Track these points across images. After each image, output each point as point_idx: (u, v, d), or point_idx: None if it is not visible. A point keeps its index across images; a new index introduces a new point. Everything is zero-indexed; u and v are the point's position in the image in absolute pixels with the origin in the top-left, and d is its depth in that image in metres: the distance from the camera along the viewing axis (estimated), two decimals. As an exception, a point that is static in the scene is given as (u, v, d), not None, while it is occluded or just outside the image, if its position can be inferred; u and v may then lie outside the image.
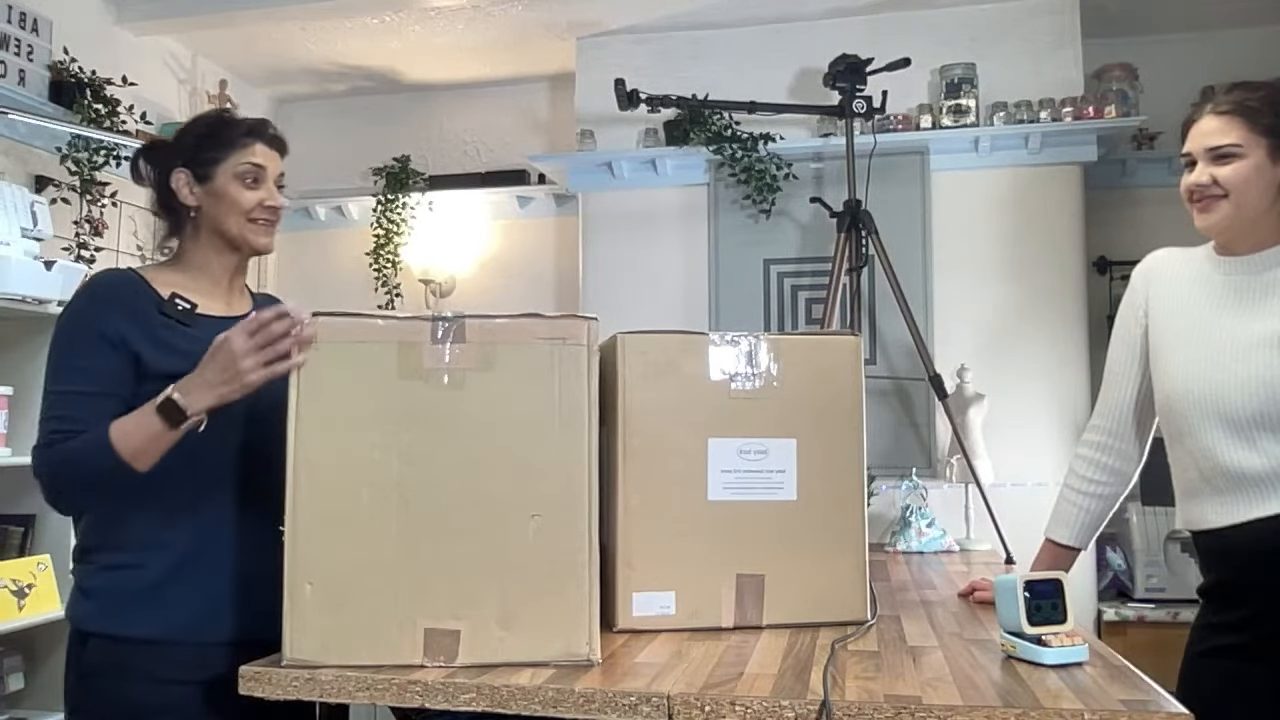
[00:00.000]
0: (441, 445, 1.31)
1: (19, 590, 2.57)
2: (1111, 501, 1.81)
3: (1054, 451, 3.34)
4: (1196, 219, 1.64)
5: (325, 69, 4.21)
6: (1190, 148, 1.63)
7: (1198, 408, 1.60)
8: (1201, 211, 1.62)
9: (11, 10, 3.07)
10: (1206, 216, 1.62)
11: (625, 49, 3.82)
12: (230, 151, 1.56)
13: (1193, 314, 1.66)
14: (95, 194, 3.32)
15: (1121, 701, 1.09)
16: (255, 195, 1.57)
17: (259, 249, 1.60)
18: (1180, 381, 1.63)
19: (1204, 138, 1.61)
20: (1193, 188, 1.62)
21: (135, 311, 1.48)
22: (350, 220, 4.38)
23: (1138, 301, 1.75)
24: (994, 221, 3.51)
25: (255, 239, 1.59)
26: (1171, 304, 1.69)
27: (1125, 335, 1.77)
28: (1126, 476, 1.80)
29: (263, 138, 1.59)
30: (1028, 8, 3.55)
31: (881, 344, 3.52)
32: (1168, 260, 1.75)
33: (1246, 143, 1.57)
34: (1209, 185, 1.59)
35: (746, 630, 1.49)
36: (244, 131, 1.58)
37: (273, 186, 1.59)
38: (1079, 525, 1.80)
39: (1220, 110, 1.60)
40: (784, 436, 1.54)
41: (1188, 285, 1.68)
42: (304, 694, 1.24)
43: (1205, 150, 1.60)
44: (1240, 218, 1.59)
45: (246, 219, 1.57)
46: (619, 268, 3.78)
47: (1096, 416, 1.82)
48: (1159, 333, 1.69)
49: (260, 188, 1.57)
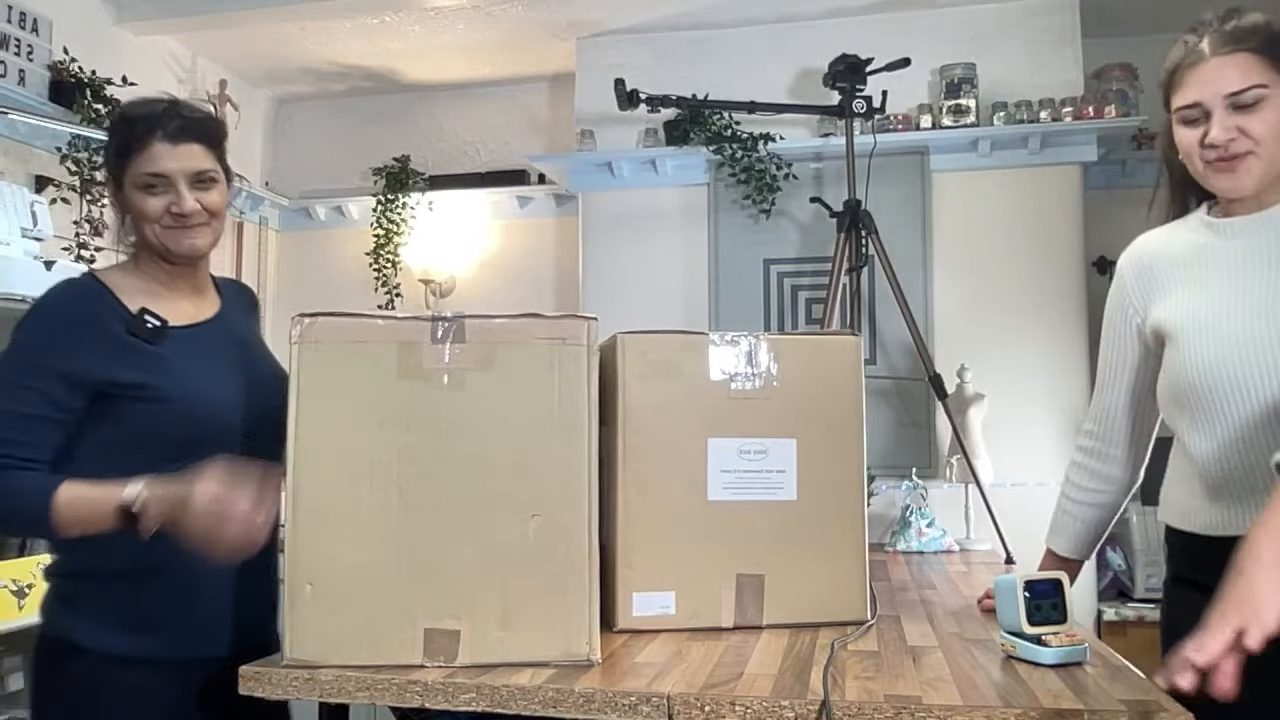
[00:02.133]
0: (441, 445, 1.31)
1: (19, 590, 2.57)
2: (1110, 510, 1.68)
3: (1054, 451, 3.34)
4: (1218, 181, 1.39)
5: (325, 69, 4.22)
6: (1199, 95, 1.37)
7: (1236, 392, 1.37)
8: (1224, 172, 1.38)
9: (11, 10, 3.08)
10: (1233, 178, 1.37)
11: (625, 49, 3.82)
12: (129, 159, 1.43)
13: (1209, 290, 1.43)
14: (95, 194, 3.32)
15: (1121, 701, 1.09)
16: (159, 202, 1.43)
17: (184, 253, 1.46)
18: (1212, 365, 1.39)
19: (1219, 83, 1.35)
20: (1216, 144, 1.35)
21: (103, 336, 1.40)
22: (350, 220, 4.38)
23: (1126, 295, 1.56)
24: (994, 221, 3.51)
25: (175, 245, 1.45)
26: (1177, 285, 1.48)
27: (1113, 334, 1.60)
28: (1123, 483, 1.67)
29: (163, 133, 1.42)
30: (1028, 8, 3.56)
31: (881, 344, 3.52)
32: (1154, 242, 1.55)
33: (1272, 82, 1.33)
34: (1238, 139, 1.34)
35: (746, 630, 1.49)
36: (140, 132, 1.42)
37: (183, 189, 1.43)
38: (1075, 536, 1.70)
39: (1231, 48, 1.35)
40: (784, 436, 1.54)
41: (1196, 265, 1.47)
42: (304, 694, 1.24)
43: (1224, 97, 1.35)
44: (1271, 173, 1.36)
45: (160, 226, 1.44)
46: (619, 268, 3.78)
47: (1088, 422, 1.69)
48: (1169, 319, 1.47)
49: (164, 193, 1.43)
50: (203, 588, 1.44)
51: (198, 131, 1.45)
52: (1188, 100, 1.39)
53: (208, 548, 1.29)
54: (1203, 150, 1.39)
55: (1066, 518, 1.72)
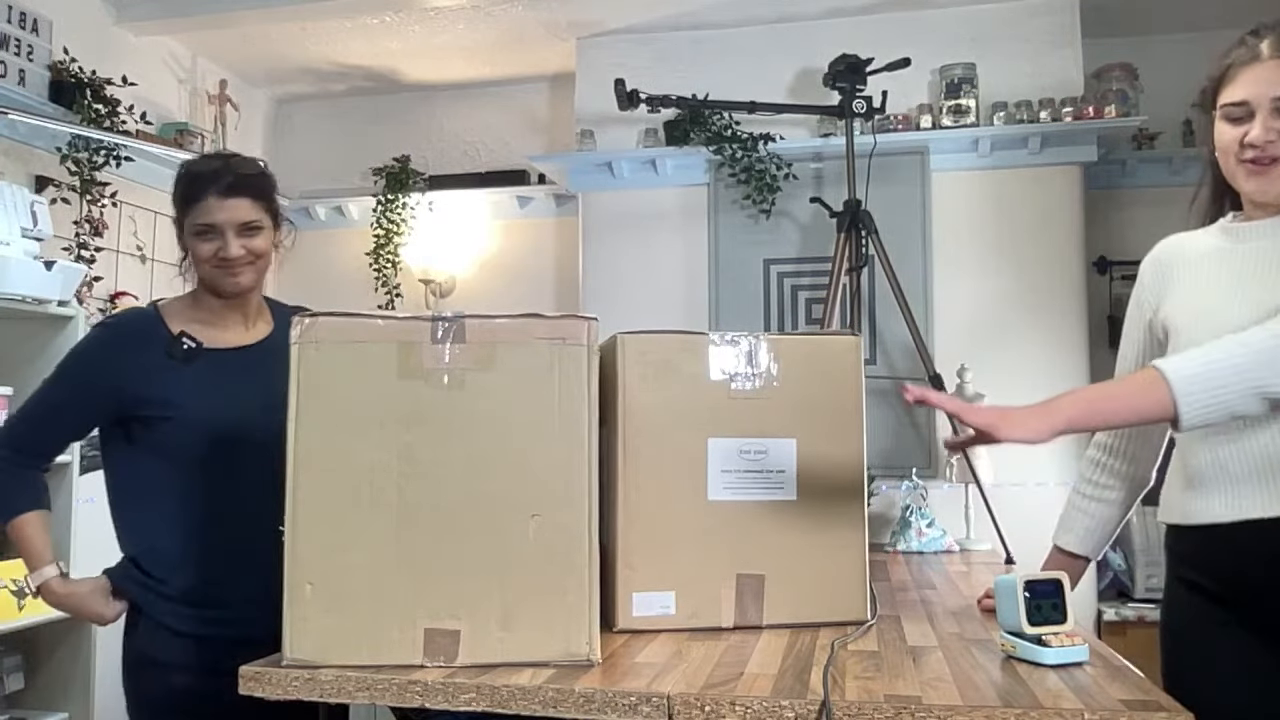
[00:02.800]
0: (441, 445, 1.31)
1: (19, 590, 2.57)
2: (1123, 509, 1.70)
3: (1054, 451, 3.33)
4: (1248, 182, 1.43)
5: (325, 69, 4.22)
6: (1248, 94, 1.39)
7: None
8: (1256, 175, 1.41)
9: (11, 10, 3.07)
10: (1265, 181, 1.41)
11: (625, 49, 3.82)
12: (188, 208, 1.68)
13: (1216, 291, 1.48)
14: (95, 194, 3.32)
15: (1121, 701, 1.09)
16: (209, 248, 1.67)
17: (226, 291, 1.71)
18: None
19: (1271, 84, 1.37)
20: (1257, 144, 1.38)
21: (140, 359, 1.66)
22: (350, 220, 4.38)
23: (1145, 292, 1.62)
24: (994, 221, 3.51)
25: (223, 285, 1.70)
26: (1190, 285, 1.53)
27: (1131, 331, 1.65)
28: (1138, 481, 1.69)
29: (215, 189, 1.65)
30: (1028, 8, 3.56)
31: (881, 344, 3.52)
32: (1179, 244, 1.59)
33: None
34: (1276, 143, 1.37)
35: (746, 630, 1.49)
36: (198, 188, 1.66)
37: (230, 237, 1.66)
38: (1086, 532, 1.70)
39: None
40: (784, 436, 1.54)
41: (1206, 265, 1.52)
42: (304, 694, 1.24)
43: (1272, 99, 1.37)
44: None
45: (209, 268, 1.69)
46: (619, 268, 3.78)
47: None
48: (1173, 314, 1.53)
49: (214, 240, 1.67)
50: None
51: (246, 186, 1.68)
52: (1236, 98, 1.40)
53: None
54: (1240, 150, 1.41)
55: (1079, 514, 1.72)
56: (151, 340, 1.68)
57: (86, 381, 1.68)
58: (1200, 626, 1.52)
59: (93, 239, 3.35)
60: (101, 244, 3.40)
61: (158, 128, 3.74)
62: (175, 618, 1.64)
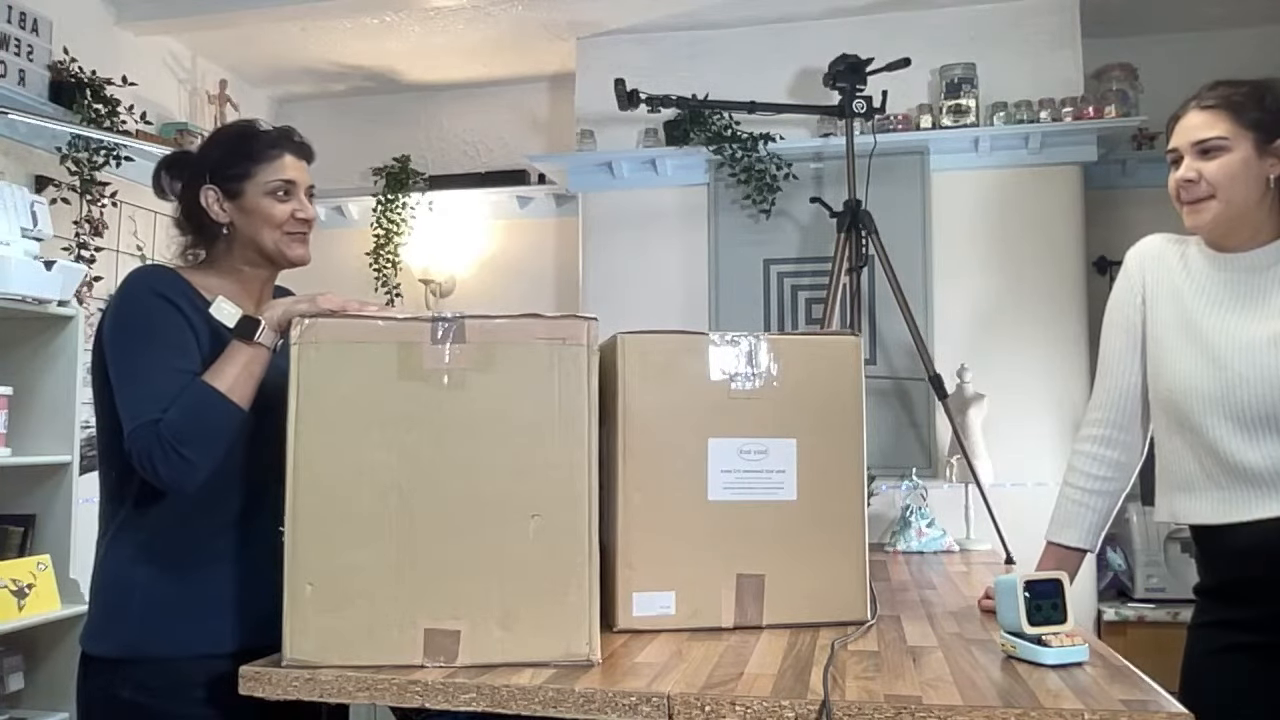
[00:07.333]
0: (441, 445, 1.31)
1: (19, 590, 2.57)
2: (1117, 498, 1.76)
3: (1054, 451, 3.34)
4: (1187, 218, 1.63)
5: (325, 69, 4.22)
6: (1176, 143, 1.63)
7: (1202, 404, 1.58)
8: (1191, 213, 1.62)
9: (11, 10, 3.07)
10: (1197, 217, 1.61)
11: (625, 49, 3.82)
12: (259, 166, 1.56)
13: (1191, 311, 1.63)
14: (95, 194, 3.32)
15: (1121, 701, 1.09)
16: (286, 208, 1.56)
17: (295, 261, 1.60)
18: (1184, 378, 1.61)
19: (1189, 132, 1.61)
20: (1181, 184, 1.61)
21: (194, 309, 1.49)
22: (350, 220, 4.38)
23: (1135, 287, 1.72)
24: (994, 221, 3.51)
25: (290, 251, 1.59)
26: (1167, 296, 1.67)
27: (1124, 321, 1.73)
28: (1130, 469, 1.75)
29: (290, 148, 1.58)
30: (1028, 8, 3.55)
31: (881, 344, 3.52)
32: (1162, 247, 1.73)
33: (1232, 136, 1.57)
34: (1196, 182, 1.58)
35: (746, 630, 1.49)
36: (270, 144, 1.57)
37: (304, 198, 1.59)
38: (1087, 525, 1.73)
39: (1205, 105, 1.60)
40: (784, 436, 1.54)
41: (1183, 279, 1.66)
42: (304, 694, 1.24)
43: (1191, 145, 1.60)
44: (1229, 214, 1.58)
45: (281, 232, 1.57)
46: (619, 268, 3.78)
47: (1096, 409, 1.76)
48: (1157, 324, 1.67)
49: (291, 200, 1.57)
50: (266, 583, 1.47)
51: (309, 153, 1.63)
52: (1170, 145, 1.65)
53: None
54: (1177, 190, 1.63)
55: (1081, 509, 1.75)
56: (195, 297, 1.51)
57: (178, 322, 1.47)
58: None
59: (93, 239, 3.35)
60: (101, 244, 3.39)
61: (158, 128, 3.74)
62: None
